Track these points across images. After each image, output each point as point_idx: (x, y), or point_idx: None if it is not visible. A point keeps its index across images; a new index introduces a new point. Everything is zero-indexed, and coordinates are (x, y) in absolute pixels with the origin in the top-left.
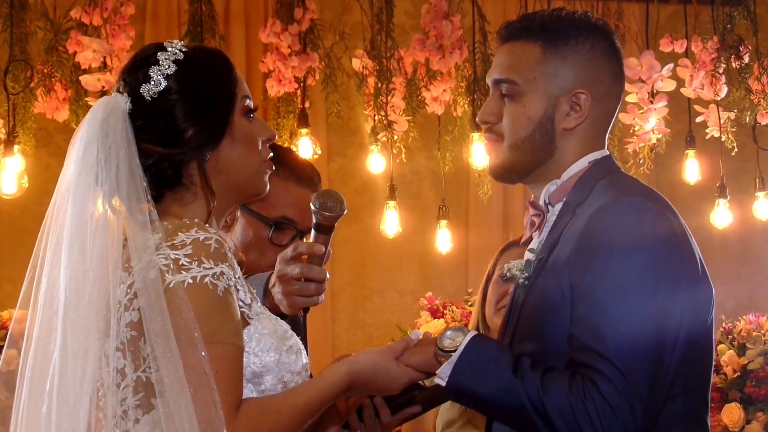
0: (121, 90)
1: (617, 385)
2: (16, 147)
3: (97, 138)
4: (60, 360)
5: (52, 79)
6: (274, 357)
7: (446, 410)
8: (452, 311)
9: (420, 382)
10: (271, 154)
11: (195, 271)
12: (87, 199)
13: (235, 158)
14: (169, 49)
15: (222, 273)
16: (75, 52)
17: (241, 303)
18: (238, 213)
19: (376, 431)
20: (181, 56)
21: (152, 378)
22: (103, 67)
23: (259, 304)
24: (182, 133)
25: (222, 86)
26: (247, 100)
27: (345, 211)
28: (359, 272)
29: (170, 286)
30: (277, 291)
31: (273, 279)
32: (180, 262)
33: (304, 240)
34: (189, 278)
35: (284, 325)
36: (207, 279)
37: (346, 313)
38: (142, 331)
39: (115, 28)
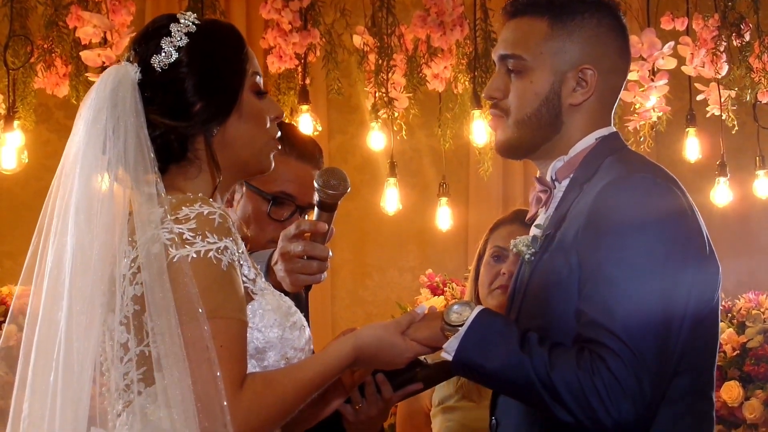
0: (131, 59)
1: (625, 360)
2: (16, 122)
3: (106, 107)
4: (66, 328)
5: (53, 55)
6: (277, 333)
7: (442, 386)
8: (452, 288)
9: (423, 359)
10: (279, 133)
11: (199, 246)
12: (95, 168)
13: (242, 135)
14: (182, 21)
15: (226, 248)
16: (75, 28)
17: (244, 278)
18: (239, 188)
19: (377, 407)
20: (193, 29)
21: (154, 352)
22: (104, 42)
23: (263, 279)
24: (190, 107)
25: (233, 62)
26: (257, 77)
27: (348, 189)
28: (359, 249)
29: (174, 260)
30: (279, 268)
31: (275, 256)
32: (184, 237)
33: (305, 216)
34: (193, 253)
35: (288, 301)
36: (211, 254)
37: (346, 290)
38: (145, 305)
39: (116, 3)
